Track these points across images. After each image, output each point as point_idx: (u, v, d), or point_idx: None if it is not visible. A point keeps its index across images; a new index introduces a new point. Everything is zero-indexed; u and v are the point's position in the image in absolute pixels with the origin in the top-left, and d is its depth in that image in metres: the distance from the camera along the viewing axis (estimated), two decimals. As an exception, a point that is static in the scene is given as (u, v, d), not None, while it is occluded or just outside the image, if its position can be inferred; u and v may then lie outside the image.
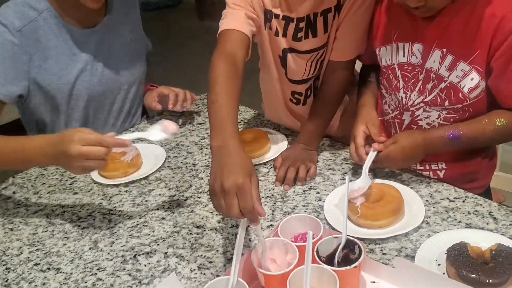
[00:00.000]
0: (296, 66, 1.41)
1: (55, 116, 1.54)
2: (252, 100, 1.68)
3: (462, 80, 1.16)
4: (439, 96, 1.21)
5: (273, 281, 0.90)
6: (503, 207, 1.12)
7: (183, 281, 1.02)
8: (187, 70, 1.81)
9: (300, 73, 1.43)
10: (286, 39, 1.37)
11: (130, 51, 1.61)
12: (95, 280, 1.05)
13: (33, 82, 1.43)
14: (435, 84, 1.20)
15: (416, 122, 1.29)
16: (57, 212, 1.30)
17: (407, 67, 1.25)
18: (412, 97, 1.26)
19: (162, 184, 1.36)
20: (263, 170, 1.38)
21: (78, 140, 1.08)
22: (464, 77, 1.16)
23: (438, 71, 1.18)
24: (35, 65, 1.41)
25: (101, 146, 1.09)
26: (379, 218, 1.09)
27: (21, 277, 1.08)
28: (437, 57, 1.17)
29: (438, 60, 1.18)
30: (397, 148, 1.19)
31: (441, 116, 1.24)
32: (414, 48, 1.21)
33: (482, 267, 0.90)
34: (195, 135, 1.61)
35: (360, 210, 1.10)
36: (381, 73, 1.35)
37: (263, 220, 1.17)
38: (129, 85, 1.63)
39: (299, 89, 1.48)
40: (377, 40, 1.31)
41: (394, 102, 1.33)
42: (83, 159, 1.09)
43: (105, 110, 1.60)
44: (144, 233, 1.18)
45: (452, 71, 1.16)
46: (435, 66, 1.18)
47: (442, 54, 1.16)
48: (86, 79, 1.49)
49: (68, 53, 1.45)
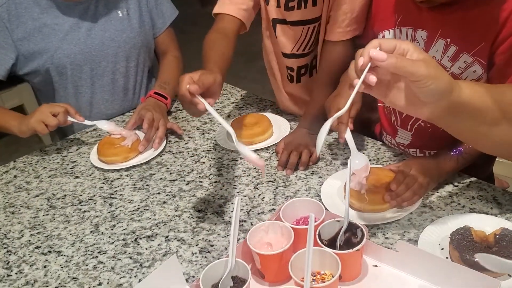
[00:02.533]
0: (286, 38, 1.42)
1: (52, 93, 1.63)
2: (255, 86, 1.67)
3: (464, 72, 1.14)
4: None
5: (268, 261, 0.90)
6: (507, 192, 1.11)
7: (184, 264, 1.01)
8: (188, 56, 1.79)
9: (289, 46, 1.43)
10: (279, 9, 1.37)
11: (122, 24, 1.60)
12: (96, 263, 1.05)
13: (21, 54, 1.52)
14: None
15: None
16: (58, 195, 1.29)
17: None
18: None
19: (163, 169, 1.36)
20: (265, 155, 1.37)
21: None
22: (467, 69, 1.13)
23: (440, 61, 1.16)
24: (19, 38, 1.49)
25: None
26: (383, 202, 1.08)
27: (22, 259, 1.08)
28: (440, 47, 1.15)
29: (441, 50, 1.15)
30: (413, 178, 1.11)
31: None
32: (417, 34, 1.19)
33: (486, 252, 0.89)
34: (196, 120, 1.59)
35: (367, 196, 1.08)
36: None
37: (265, 204, 1.16)
38: (118, 58, 1.62)
39: (290, 63, 1.48)
40: (377, 24, 1.29)
41: None
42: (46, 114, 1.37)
43: (96, 84, 1.61)
44: (145, 217, 1.17)
45: (454, 62, 1.14)
46: (438, 56, 1.16)
47: (445, 44, 1.14)
48: (66, 48, 1.53)
49: (50, 23, 1.51)
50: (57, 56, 1.53)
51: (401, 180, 1.09)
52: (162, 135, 1.45)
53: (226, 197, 1.21)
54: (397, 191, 1.08)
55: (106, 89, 1.64)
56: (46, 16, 1.51)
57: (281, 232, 0.95)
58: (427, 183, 1.11)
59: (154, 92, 1.59)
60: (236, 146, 0.97)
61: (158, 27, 1.72)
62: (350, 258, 0.89)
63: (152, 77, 1.81)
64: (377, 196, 1.08)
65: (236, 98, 1.71)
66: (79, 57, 1.55)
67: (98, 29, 1.57)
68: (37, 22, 1.50)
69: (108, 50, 1.59)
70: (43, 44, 1.51)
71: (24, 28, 1.49)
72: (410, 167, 1.12)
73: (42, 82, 1.61)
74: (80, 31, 1.54)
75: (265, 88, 1.77)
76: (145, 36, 1.67)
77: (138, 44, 1.65)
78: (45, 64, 1.54)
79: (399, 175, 1.10)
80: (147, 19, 1.67)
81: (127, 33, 1.61)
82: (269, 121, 1.46)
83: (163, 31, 1.73)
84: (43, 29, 1.50)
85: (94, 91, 1.63)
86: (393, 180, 1.10)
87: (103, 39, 1.58)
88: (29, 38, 1.50)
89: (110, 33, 1.58)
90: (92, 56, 1.58)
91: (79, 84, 1.60)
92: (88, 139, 1.56)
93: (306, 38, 1.41)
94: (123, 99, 1.69)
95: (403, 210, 1.08)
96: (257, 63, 1.63)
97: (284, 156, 1.30)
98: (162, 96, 1.59)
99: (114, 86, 1.65)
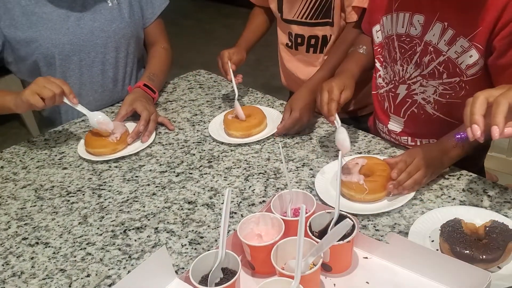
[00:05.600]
0: (290, 4, 1.55)
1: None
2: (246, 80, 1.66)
3: (460, 56, 1.14)
4: (437, 69, 1.19)
5: (258, 253, 0.90)
6: (497, 185, 1.12)
7: (174, 256, 1.01)
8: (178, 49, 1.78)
9: (292, 11, 1.55)
10: None
11: (111, 14, 1.58)
12: (84, 254, 1.04)
13: (7, 41, 1.49)
14: (432, 58, 1.18)
15: (411, 96, 1.27)
16: (46, 187, 1.27)
17: (404, 38, 1.23)
18: (409, 70, 1.24)
19: (153, 160, 1.34)
20: (256, 146, 1.36)
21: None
22: (463, 54, 1.14)
23: (437, 44, 1.16)
24: (6, 25, 1.47)
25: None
26: (384, 189, 1.08)
27: (8, 251, 1.07)
28: (437, 31, 1.15)
29: (438, 34, 1.15)
30: (416, 167, 1.10)
31: (437, 92, 1.22)
32: (414, 19, 1.19)
33: (476, 243, 0.90)
34: (187, 111, 1.58)
35: (366, 186, 1.07)
36: (381, 46, 1.32)
37: (255, 196, 1.16)
38: (107, 48, 1.60)
39: (290, 29, 1.59)
40: (376, 11, 1.29)
41: (389, 75, 1.31)
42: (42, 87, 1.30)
43: (85, 74, 1.59)
44: (134, 208, 1.16)
45: (451, 46, 1.14)
46: (435, 40, 1.16)
47: (443, 27, 1.14)
48: (54, 37, 1.50)
49: (38, 11, 1.48)
50: (45, 46, 1.50)
51: (403, 168, 1.08)
52: (152, 129, 1.45)
53: (216, 189, 1.20)
54: (399, 179, 1.07)
55: (95, 80, 1.62)
56: (34, 4, 1.48)
57: (271, 223, 0.95)
58: (431, 172, 1.11)
59: (144, 84, 1.57)
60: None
61: (147, 17, 1.70)
62: (341, 249, 0.88)
63: (141, 67, 1.79)
64: (375, 184, 1.08)
65: (227, 90, 1.70)
66: (68, 47, 1.53)
67: (87, 19, 1.54)
68: (24, 10, 1.47)
69: (98, 41, 1.57)
70: (30, 32, 1.48)
71: (11, 15, 1.46)
72: (414, 156, 1.11)
73: (29, 72, 1.57)
74: (69, 20, 1.52)
75: (257, 81, 1.76)
76: (135, 26, 1.65)
77: (128, 34, 1.63)
78: (34, 53, 1.51)
79: (401, 163, 1.09)
80: (137, 9, 1.65)
81: (117, 23, 1.59)
82: (263, 112, 1.45)
83: (152, 22, 1.71)
84: (31, 17, 1.48)
85: (83, 81, 1.60)
86: (394, 169, 1.09)
87: (92, 29, 1.55)
88: (16, 25, 1.47)
89: (100, 23, 1.56)
90: (81, 47, 1.55)
91: (67, 74, 1.58)
92: (77, 130, 1.54)
93: (308, 5, 1.50)
94: (113, 90, 1.66)
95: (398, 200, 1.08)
96: (248, 57, 1.63)
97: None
98: (151, 89, 1.57)
99: (104, 77, 1.63)
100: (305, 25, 1.55)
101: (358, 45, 1.39)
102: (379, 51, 1.34)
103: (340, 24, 1.50)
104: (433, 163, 1.11)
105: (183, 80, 1.82)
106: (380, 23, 1.29)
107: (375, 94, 1.39)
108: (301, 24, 1.56)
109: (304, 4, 1.51)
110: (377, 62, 1.35)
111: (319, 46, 1.57)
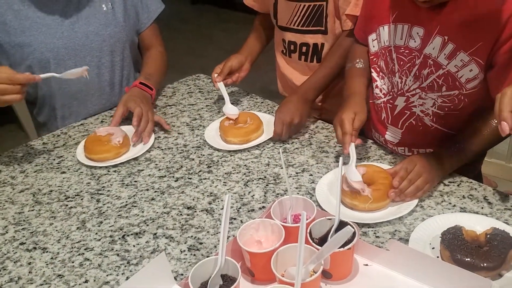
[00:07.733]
0: (284, 11, 1.54)
1: (35, 89, 1.60)
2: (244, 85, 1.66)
3: (460, 70, 1.14)
4: (436, 82, 1.18)
5: (258, 260, 0.89)
6: (497, 192, 1.11)
7: (173, 262, 1.00)
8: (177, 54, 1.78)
9: (285, 18, 1.54)
10: None
11: (106, 18, 1.57)
12: (82, 260, 1.03)
13: (0, 45, 1.48)
14: (432, 71, 1.18)
15: (410, 108, 1.27)
16: (44, 191, 1.26)
17: (403, 50, 1.22)
18: (408, 82, 1.24)
19: (152, 165, 1.34)
20: (256, 152, 1.36)
21: None
22: (463, 67, 1.13)
23: (437, 58, 1.16)
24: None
25: (13, 84, 1.22)
26: (387, 197, 1.07)
27: (6, 256, 1.06)
28: (437, 44, 1.14)
29: (438, 47, 1.15)
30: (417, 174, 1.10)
31: (436, 104, 1.21)
32: (413, 31, 1.18)
33: (477, 251, 0.89)
34: (186, 116, 1.58)
35: (371, 195, 1.06)
36: (376, 56, 1.32)
37: (255, 201, 1.15)
38: (102, 52, 1.59)
39: (283, 36, 1.59)
40: (373, 20, 1.28)
41: (387, 86, 1.30)
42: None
43: (81, 78, 1.56)
44: (133, 214, 1.15)
45: (451, 60, 1.14)
46: (434, 53, 1.16)
47: (443, 41, 1.13)
48: (49, 42, 1.50)
49: (31, 15, 1.48)
50: (40, 50, 1.49)
51: (405, 176, 1.08)
52: (151, 130, 1.44)
53: (215, 194, 1.20)
54: (400, 187, 1.07)
55: (92, 84, 1.61)
56: (27, 8, 1.47)
57: (271, 230, 0.94)
58: (432, 179, 1.10)
59: (140, 82, 1.56)
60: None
61: (143, 21, 1.69)
62: (341, 256, 0.88)
63: (137, 71, 1.78)
64: (378, 192, 1.07)
65: (226, 95, 1.70)
66: (63, 51, 1.52)
67: (82, 23, 1.54)
68: (17, 14, 1.46)
69: (93, 45, 1.56)
70: (24, 37, 1.47)
71: (3, 19, 1.46)
72: (415, 163, 1.10)
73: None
74: (63, 24, 1.51)
75: (255, 86, 1.76)
76: (130, 30, 1.65)
77: (123, 38, 1.63)
78: (28, 58, 1.50)
79: (402, 171, 1.09)
80: (132, 13, 1.65)
81: (112, 27, 1.58)
82: (258, 117, 1.44)
83: (148, 26, 1.71)
84: (24, 22, 1.47)
85: (79, 85, 1.60)
86: (396, 176, 1.08)
87: (87, 33, 1.54)
88: (8, 30, 1.46)
89: (94, 27, 1.55)
90: (76, 51, 1.54)
91: (63, 79, 1.57)
92: (75, 134, 1.53)
93: (301, 13, 1.49)
94: (110, 93, 1.66)
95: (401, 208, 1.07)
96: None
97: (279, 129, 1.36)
98: (148, 86, 1.57)
99: (100, 81, 1.62)
100: (297, 32, 1.54)
101: (355, 60, 1.37)
102: (375, 60, 1.32)
103: (335, 32, 1.49)
104: (434, 169, 1.11)
105: (183, 84, 1.81)
106: (377, 32, 1.28)
107: (372, 103, 1.38)
108: (294, 31, 1.55)
109: (296, 12, 1.50)
110: (373, 71, 1.33)
111: (309, 54, 1.55)
